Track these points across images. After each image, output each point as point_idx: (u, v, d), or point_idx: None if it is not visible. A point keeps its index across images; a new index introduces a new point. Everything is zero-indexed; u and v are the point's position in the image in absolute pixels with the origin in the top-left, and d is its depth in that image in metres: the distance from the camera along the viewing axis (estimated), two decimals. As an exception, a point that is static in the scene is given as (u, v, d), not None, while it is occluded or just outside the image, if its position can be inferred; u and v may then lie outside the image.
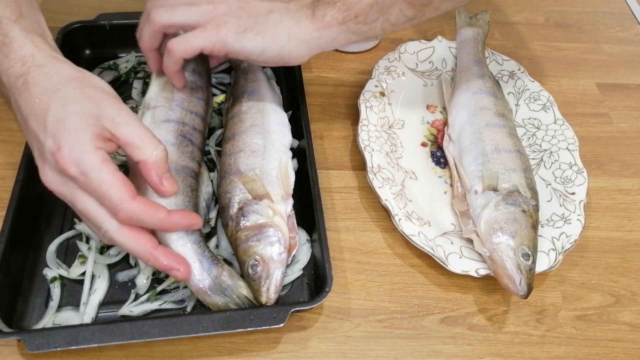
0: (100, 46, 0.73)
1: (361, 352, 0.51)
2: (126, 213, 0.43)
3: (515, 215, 0.54)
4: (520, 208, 0.55)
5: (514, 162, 0.59)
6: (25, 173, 0.55)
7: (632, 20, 0.87)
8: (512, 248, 0.52)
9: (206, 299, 0.49)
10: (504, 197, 0.56)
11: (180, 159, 0.55)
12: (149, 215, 0.44)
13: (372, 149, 0.61)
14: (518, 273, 0.51)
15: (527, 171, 0.59)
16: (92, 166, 0.43)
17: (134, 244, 0.45)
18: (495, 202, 0.55)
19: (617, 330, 0.54)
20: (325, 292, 0.49)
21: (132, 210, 0.43)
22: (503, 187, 0.57)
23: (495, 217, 0.55)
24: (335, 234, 0.59)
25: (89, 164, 0.43)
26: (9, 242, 0.51)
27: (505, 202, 0.55)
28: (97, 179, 0.42)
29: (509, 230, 0.53)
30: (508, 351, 0.52)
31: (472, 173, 0.59)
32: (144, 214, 0.44)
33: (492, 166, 0.58)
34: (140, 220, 0.44)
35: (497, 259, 0.52)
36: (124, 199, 0.43)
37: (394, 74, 0.71)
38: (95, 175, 0.42)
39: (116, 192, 0.43)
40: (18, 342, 0.49)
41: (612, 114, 0.73)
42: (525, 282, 0.51)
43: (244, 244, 0.51)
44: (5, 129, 0.66)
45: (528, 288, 0.50)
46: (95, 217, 0.44)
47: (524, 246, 0.52)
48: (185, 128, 0.58)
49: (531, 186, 0.58)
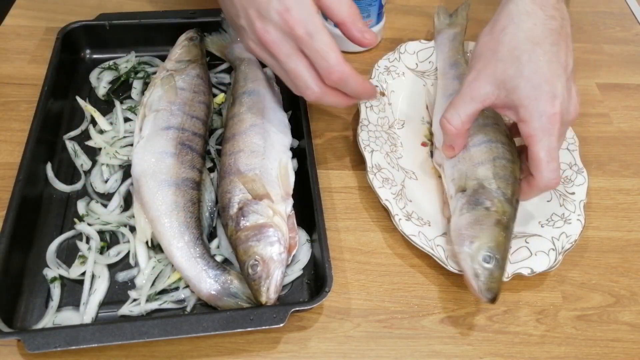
0: (100, 46, 0.73)
1: (361, 352, 0.51)
2: (340, 74, 0.49)
3: (476, 216, 0.53)
4: (483, 206, 0.53)
5: (481, 155, 0.57)
6: (25, 173, 0.56)
7: (632, 20, 0.87)
8: (470, 255, 0.51)
9: (218, 303, 0.50)
10: (468, 199, 0.54)
11: (180, 170, 0.55)
12: (354, 78, 0.50)
13: (372, 148, 0.61)
14: (475, 280, 0.50)
15: (498, 159, 0.56)
16: (318, 28, 0.48)
17: (335, 99, 0.52)
18: (460, 207, 0.54)
19: (617, 330, 0.54)
20: (325, 292, 0.49)
21: (346, 72, 0.49)
22: (469, 185, 0.55)
23: (457, 224, 0.53)
24: (335, 234, 0.59)
25: (316, 25, 0.48)
26: (9, 242, 0.51)
27: (469, 204, 0.54)
28: (321, 40, 0.48)
29: (468, 236, 0.52)
30: (508, 351, 0.52)
31: (448, 178, 0.59)
32: (352, 77, 0.50)
33: (461, 166, 0.57)
34: (347, 83, 0.50)
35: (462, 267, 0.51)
36: (340, 61, 0.48)
37: (394, 74, 0.71)
38: (320, 36, 0.48)
39: (335, 54, 0.48)
40: (18, 342, 0.49)
41: (612, 114, 0.73)
42: (485, 288, 0.49)
43: (244, 243, 0.51)
44: (5, 129, 0.66)
45: (490, 293, 0.49)
46: (306, 76, 0.50)
47: (483, 249, 0.50)
48: (185, 134, 0.58)
49: (501, 175, 0.55)
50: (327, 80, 0.49)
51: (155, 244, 0.54)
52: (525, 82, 0.51)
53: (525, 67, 0.51)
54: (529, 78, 0.51)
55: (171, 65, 0.65)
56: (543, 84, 0.51)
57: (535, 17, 0.53)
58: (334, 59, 0.48)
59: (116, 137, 0.64)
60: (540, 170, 0.51)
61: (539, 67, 0.51)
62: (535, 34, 0.52)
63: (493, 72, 0.53)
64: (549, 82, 0.51)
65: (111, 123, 0.66)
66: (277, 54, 0.50)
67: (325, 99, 0.51)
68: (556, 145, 0.51)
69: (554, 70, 0.51)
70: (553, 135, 0.51)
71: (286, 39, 0.49)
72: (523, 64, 0.51)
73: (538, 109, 0.50)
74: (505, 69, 0.52)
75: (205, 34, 0.71)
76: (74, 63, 0.72)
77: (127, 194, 0.59)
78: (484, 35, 0.56)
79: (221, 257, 0.55)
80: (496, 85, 0.53)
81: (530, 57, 0.51)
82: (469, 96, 0.54)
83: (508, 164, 0.56)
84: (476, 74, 0.54)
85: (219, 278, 0.51)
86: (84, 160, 0.62)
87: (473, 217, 0.53)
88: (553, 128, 0.50)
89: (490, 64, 0.53)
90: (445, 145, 0.58)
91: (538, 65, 0.51)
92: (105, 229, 0.56)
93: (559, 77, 0.51)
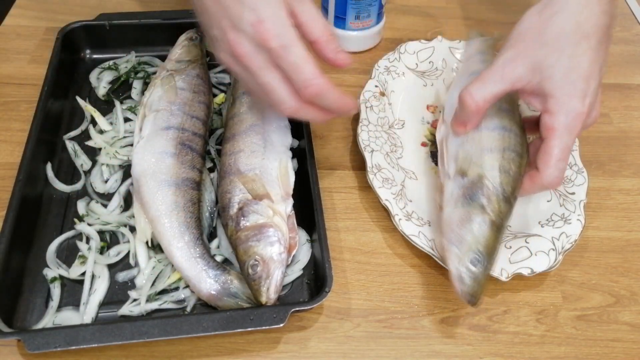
0: (100, 46, 0.73)
1: (361, 352, 0.51)
2: (316, 88, 0.46)
3: (470, 214, 0.51)
4: (479, 203, 0.51)
5: (492, 141, 0.54)
6: (25, 173, 0.56)
7: (632, 20, 0.87)
8: (458, 256, 0.49)
9: (218, 303, 0.50)
10: (465, 191, 0.52)
11: (180, 170, 0.55)
12: (331, 93, 0.47)
13: (372, 149, 0.61)
14: (459, 282, 0.49)
15: (508, 151, 0.54)
16: (293, 40, 0.46)
17: (312, 114, 0.49)
18: (456, 196, 0.52)
19: (617, 330, 0.54)
20: (325, 292, 0.49)
21: (322, 86, 0.46)
22: (472, 171, 0.53)
23: (450, 218, 0.52)
24: (335, 234, 0.59)
25: (290, 37, 0.46)
26: (9, 242, 0.51)
27: (465, 197, 0.52)
28: (296, 52, 0.46)
29: (459, 235, 0.50)
30: (508, 351, 0.52)
31: (450, 154, 0.56)
32: (329, 91, 0.47)
33: (468, 147, 0.55)
34: (323, 97, 0.47)
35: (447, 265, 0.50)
36: (316, 74, 0.46)
37: (394, 74, 0.70)
38: (295, 49, 0.46)
39: (312, 67, 0.46)
40: (18, 342, 0.49)
41: (612, 114, 0.73)
42: (468, 291, 0.48)
43: (244, 244, 0.51)
44: (5, 129, 0.66)
45: (472, 297, 0.48)
46: (280, 91, 0.47)
47: (472, 252, 0.49)
48: (185, 134, 0.58)
49: (507, 168, 0.53)
50: (302, 94, 0.47)
51: (155, 244, 0.54)
52: (563, 73, 0.50)
53: (567, 59, 0.50)
54: (568, 71, 0.50)
55: (171, 65, 0.65)
56: (579, 80, 0.49)
57: (590, 10, 0.51)
58: (310, 72, 0.46)
59: (116, 137, 0.64)
60: (549, 166, 0.50)
61: (580, 62, 0.50)
62: (586, 27, 0.50)
63: (533, 55, 0.51)
64: (585, 80, 0.50)
65: (111, 123, 0.66)
66: (250, 66, 0.47)
67: (301, 113, 0.49)
68: (571, 146, 0.51)
69: (593, 69, 0.50)
70: (573, 134, 0.50)
71: (259, 51, 0.46)
72: (566, 55, 0.50)
73: (568, 105, 0.49)
74: (547, 56, 0.50)
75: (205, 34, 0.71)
76: (74, 63, 0.72)
77: (127, 194, 0.59)
78: (532, 15, 0.53)
79: (221, 257, 0.55)
80: (532, 70, 0.51)
81: (574, 51, 0.50)
82: (500, 74, 0.52)
83: (516, 158, 0.54)
84: (514, 53, 0.52)
85: (219, 278, 0.51)
86: (84, 160, 0.62)
87: (467, 214, 0.51)
88: (575, 127, 0.50)
89: (532, 46, 0.51)
90: (458, 121, 0.55)
91: (580, 60, 0.50)
92: (105, 229, 0.56)
93: (595, 78, 0.50)
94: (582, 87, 0.49)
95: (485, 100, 0.52)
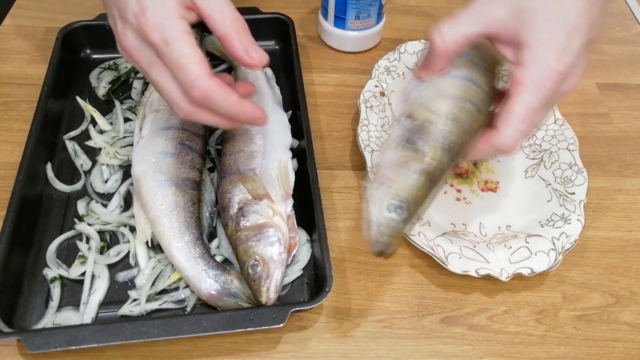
0: (100, 46, 0.73)
1: (361, 352, 0.51)
2: (201, 90, 0.41)
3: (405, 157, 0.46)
4: (418, 148, 0.46)
5: (452, 89, 0.48)
6: (25, 173, 0.56)
7: (632, 20, 0.87)
8: (379, 198, 0.45)
9: (218, 303, 0.50)
10: (408, 134, 0.47)
11: (180, 170, 0.55)
12: (223, 97, 0.42)
13: (372, 149, 0.61)
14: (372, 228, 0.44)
15: (467, 101, 0.48)
16: (175, 35, 0.41)
17: (210, 119, 0.44)
18: (395, 139, 0.48)
19: (617, 330, 0.54)
20: (325, 292, 0.49)
21: (207, 89, 0.41)
22: (420, 115, 0.47)
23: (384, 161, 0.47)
24: (335, 234, 0.59)
25: (172, 32, 0.41)
26: (9, 242, 0.51)
27: (402, 139, 0.47)
28: (179, 50, 0.41)
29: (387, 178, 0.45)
30: (508, 351, 0.52)
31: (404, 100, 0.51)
32: (218, 94, 0.42)
33: (425, 92, 0.49)
34: (212, 101, 0.42)
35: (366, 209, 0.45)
36: (201, 75, 0.41)
37: (394, 74, 0.70)
38: (177, 45, 0.41)
39: (195, 67, 0.41)
40: (18, 342, 0.49)
41: (612, 114, 0.73)
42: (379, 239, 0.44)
43: (243, 244, 0.51)
44: (5, 129, 0.66)
45: (380, 245, 0.44)
46: (169, 91, 0.43)
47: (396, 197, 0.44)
48: (185, 134, 0.58)
49: (460, 118, 0.47)
50: (189, 97, 0.42)
51: (155, 244, 0.54)
52: (544, 21, 0.43)
53: (552, 5, 0.44)
54: (550, 20, 0.43)
55: (171, 65, 0.65)
56: (561, 33, 0.43)
57: None
58: (194, 73, 0.41)
59: (116, 137, 0.64)
60: (509, 125, 0.44)
61: (567, 12, 0.44)
62: None
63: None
64: (567, 34, 0.43)
65: (111, 123, 0.66)
66: (138, 62, 0.44)
67: (197, 117, 0.44)
68: (538, 109, 0.44)
69: (580, 24, 0.44)
70: (541, 93, 0.44)
71: (145, 46, 0.42)
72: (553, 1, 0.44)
73: (542, 57, 0.43)
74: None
75: (205, 34, 0.72)
76: (74, 63, 0.72)
77: (127, 194, 0.59)
78: None
79: (221, 257, 0.55)
80: (512, 14, 0.45)
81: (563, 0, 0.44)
82: (475, 14, 0.46)
83: (474, 112, 0.48)
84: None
85: (219, 278, 0.51)
86: (84, 160, 0.62)
87: (403, 157, 0.46)
88: (545, 86, 0.44)
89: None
90: (422, 65, 0.49)
91: (567, 8, 0.44)
92: (105, 229, 0.56)
93: (580, 35, 0.44)
94: (563, 40, 0.43)
95: (454, 42, 0.46)
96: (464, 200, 0.62)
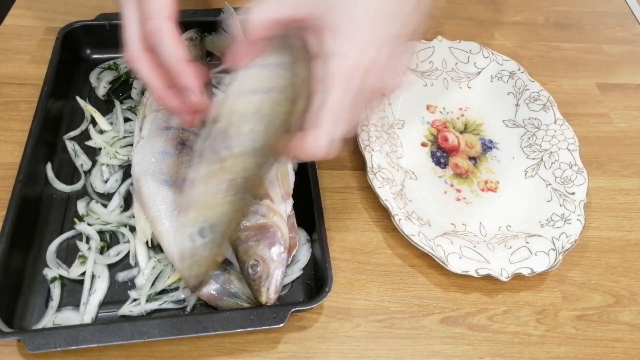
0: (100, 46, 0.73)
1: (361, 352, 0.51)
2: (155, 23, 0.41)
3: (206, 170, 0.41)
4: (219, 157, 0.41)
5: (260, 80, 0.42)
6: (25, 173, 0.55)
7: (632, 20, 0.87)
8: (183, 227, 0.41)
9: (218, 303, 0.50)
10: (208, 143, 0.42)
11: (180, 170, 0.55)
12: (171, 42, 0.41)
13: (372, 149, 0.61)
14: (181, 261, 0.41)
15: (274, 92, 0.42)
16: None
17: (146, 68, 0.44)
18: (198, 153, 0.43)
19: (617, 330, 0.54)
20: (325, 292, 0.49)
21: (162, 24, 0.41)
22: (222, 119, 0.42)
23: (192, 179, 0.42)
24: (335, 234, 0.59)
25: None
26: (9, 242, 0.51)
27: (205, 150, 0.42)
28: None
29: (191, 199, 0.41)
30: (508, 351, 0.52)
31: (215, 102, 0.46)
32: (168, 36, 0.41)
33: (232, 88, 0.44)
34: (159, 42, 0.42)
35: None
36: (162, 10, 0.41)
37: (393, 74, 0.70)
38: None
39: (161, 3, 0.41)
40: (18, 342, 0.50)
41: (612, 114, 0.73)
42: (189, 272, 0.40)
43: (243, 244, 0.51)
44: (6, 129, 0.66)
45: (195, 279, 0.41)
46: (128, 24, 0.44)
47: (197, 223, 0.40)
48: (185, 134, 0.58)
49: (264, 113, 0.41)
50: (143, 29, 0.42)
51: (155, 244, 0.54)
52: (352, 9, 0.39)
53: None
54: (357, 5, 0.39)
55: (171, 65, 0.65)
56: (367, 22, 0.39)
57: None
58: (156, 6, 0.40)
59: (116, 137, 0.64)
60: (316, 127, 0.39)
61: (377, 3, 0.39)
62: None
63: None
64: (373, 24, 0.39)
65: (111, 123, 0.65)
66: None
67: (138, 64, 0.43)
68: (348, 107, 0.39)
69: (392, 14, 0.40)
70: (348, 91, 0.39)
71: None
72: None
73: (342, 49, 0.39)
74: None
75: (205, 34, 0.71)
76: (74, 63, 0.72)
77: (127, 194, 0.59)
78: None
79: (221, 257, 0.55)
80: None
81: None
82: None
83: (283, 102, 0.41)
84: None
85: (219, 278, 0.51)
86: (84, 160, 0.62)
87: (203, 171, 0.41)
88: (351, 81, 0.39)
89: None
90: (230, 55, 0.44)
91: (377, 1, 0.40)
92: (105, 229, 0.56)
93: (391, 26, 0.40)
94: (367, 30, 0.39)
95: (260, 26, 0.41)
96: (464, 200, 0.62)
